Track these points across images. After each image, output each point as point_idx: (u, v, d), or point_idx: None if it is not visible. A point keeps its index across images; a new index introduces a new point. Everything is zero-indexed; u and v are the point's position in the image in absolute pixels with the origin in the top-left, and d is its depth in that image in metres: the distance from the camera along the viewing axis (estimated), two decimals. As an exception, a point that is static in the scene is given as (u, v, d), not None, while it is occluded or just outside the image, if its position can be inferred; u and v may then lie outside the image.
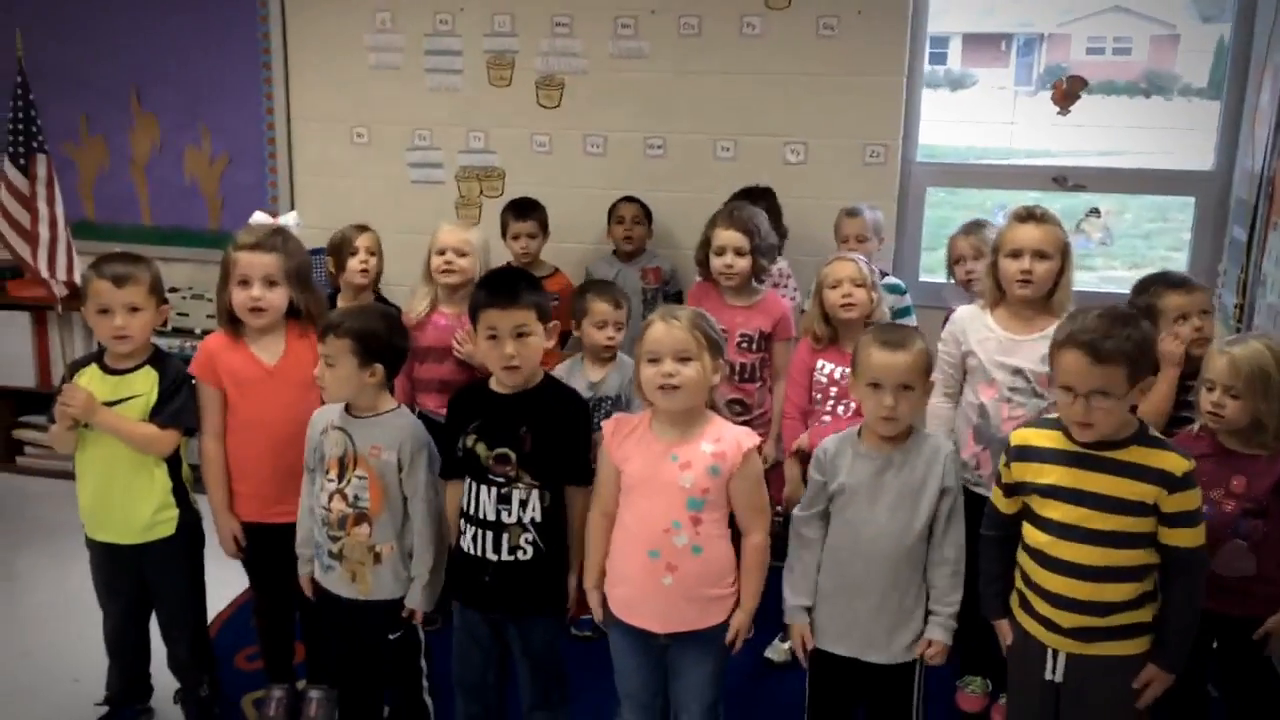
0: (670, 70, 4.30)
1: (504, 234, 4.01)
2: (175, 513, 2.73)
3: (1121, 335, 2.12)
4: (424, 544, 2.51)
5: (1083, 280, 3.76)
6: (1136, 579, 2.18)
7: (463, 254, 3.33)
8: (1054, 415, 2.33)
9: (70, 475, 4.35)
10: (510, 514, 2.41)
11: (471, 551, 2.46)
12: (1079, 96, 4.22)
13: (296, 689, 2.99)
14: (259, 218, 2.82)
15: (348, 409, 2.54)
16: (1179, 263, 4.19)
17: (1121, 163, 4.61)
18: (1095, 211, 4.24)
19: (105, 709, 2.92)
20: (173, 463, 2.73)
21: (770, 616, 2.54)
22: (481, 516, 2.43)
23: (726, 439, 2.31)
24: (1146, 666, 2.21)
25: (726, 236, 3.26)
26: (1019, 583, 2.33)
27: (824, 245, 3.92)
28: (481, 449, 2.42)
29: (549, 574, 2.45)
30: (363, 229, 3.57)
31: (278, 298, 2.69)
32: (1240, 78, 4.00)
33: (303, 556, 2.65)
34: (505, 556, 2.42)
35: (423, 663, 2.66)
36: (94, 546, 2.77)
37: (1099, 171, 4.26)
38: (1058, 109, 4.22)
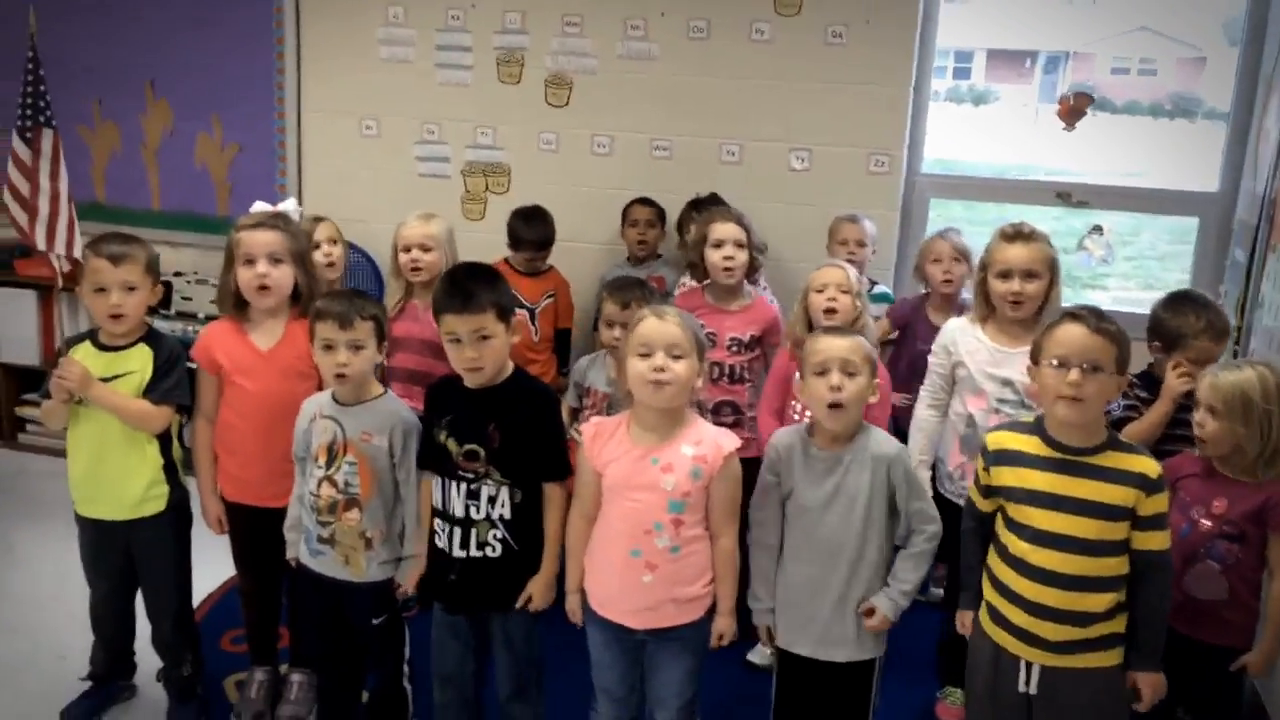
0: (678, 73, 4.31)
1: (515, 246, 4.04)
2: (165, 489, 2.76)
3: (1111, 322, 2.20)
4: (417, 524, 2.54)
5: (1094, 299, 3.78)
6: (1113, 589, 2.19)
7: (427, 249, 3.35)
8: (1028, 418, 2.35)
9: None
10: (479, 510, 2.41)
11: (443, 548, 2.46)
12: (1084, 113, 4.24)
13: (278, 672, 3.01)
14: (259, 206, 2.85)
15: (335, 397, 2.56)
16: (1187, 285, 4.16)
17: (1142, 183, 4.56)
18: (1098, 229, 4.24)
19: (88, 684, 2.94)
20: (164, 440, 2.76)
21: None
22: (451, 512, 2.43)
23: (707, 441, 2.32)
24: (1137, 675, 2.22)
25: (725, 230, 3.27)
26: (990, 594, 2.33)
27: (823, 253, 3.93)
28: (452, 444, 2.42)
29: (520, 570, 2.45)
30: (318, 219, 3.58)
31: (283, 275, 2.71)
32: (1248, 99, 3.99)
33: (290, 539, 2.68)
34: (473, 552, 2.42)
35: (405, 649, 2.68)
36: (83, 522, 2.80)
37: (1103, 189, 4.25)
38: (1063, 125, 4.23)
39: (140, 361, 2.68)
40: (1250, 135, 3.95)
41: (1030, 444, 2.26)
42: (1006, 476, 2.27)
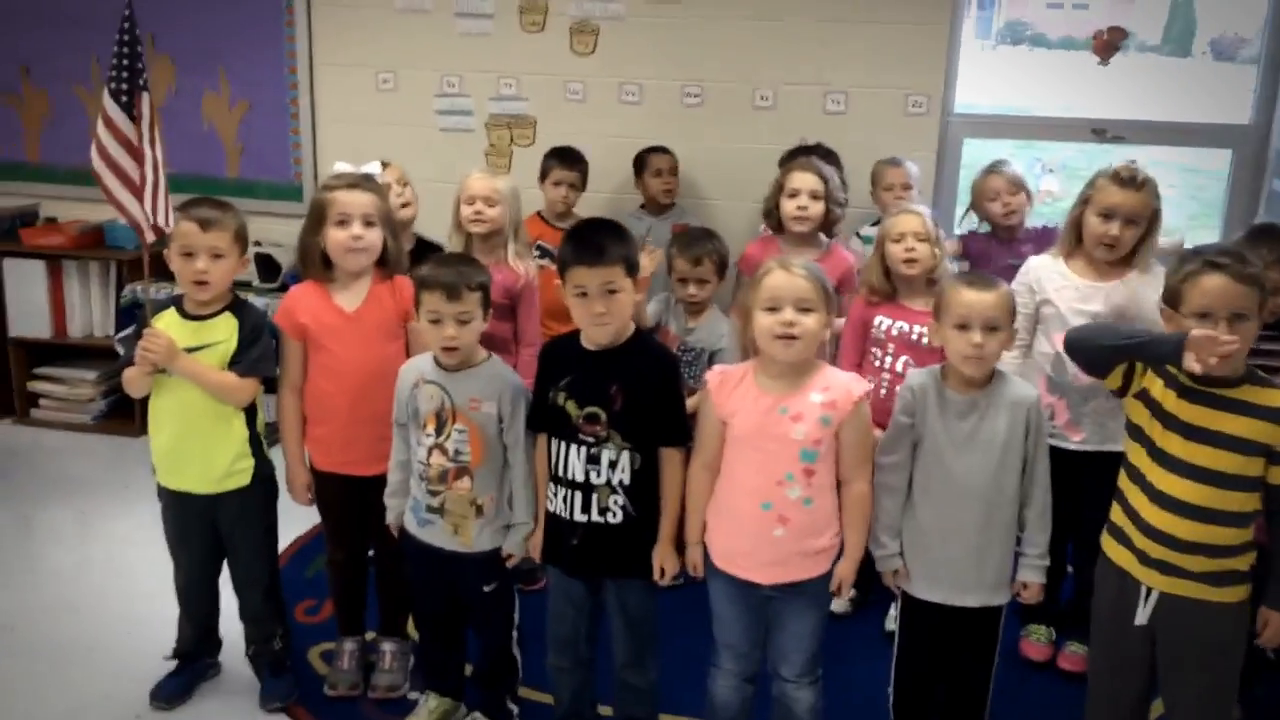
0: (708, 16, 4.23)
1: (543, 178, 3.96)
2: (251, 463, 2.68)
3: (1253, 263, 2.16)
4: (525, 491, 2.49)
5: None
6: (1241, 524, 2.19)
7: (492, 203, 3.24)
8: None
9: (86, 428, 4.31)
10: (599, 475, 2.35)
11: (561, 513, 2.41)
12: (1118, 47, 4.23)
13: (366, 641, 2.96)
14: (341, 166, 2.75)
15: (438, 362, 2.49)
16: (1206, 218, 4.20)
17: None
18: (1132, 163, 4.25)
19: (174, 663, 2.86)
20: (249, 412, 2.67)
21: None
22: (570, 477, 2.37)
23: (836, 387, 2.28)
24: (1270, 613, 2.23)
25: (802, 179, 3.23)
26: (1118, 516, 2.32)
27: (862, 198, 3.91)
28: (571, 407, 2.35)
29: (639, 537, 2.40)
30: (384, 165, 3.39)
31: (376, 238, 2.65)
32: (1278, 30, 4.01)
33: (392, 506, 2.61)
34: (595, 518, 2.37)
35: (515, 615, 2.64)
36: (167, 495, 2.71)
37: (1136, 124, 4.26)
38: (1098, 59, 4.23)
39: (226, 331, 2.59)
40: (1285, 67, 3.98)
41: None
42: (1150, 382, 2.24)
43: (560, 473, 2.39)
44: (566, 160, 3.92)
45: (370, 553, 2.89)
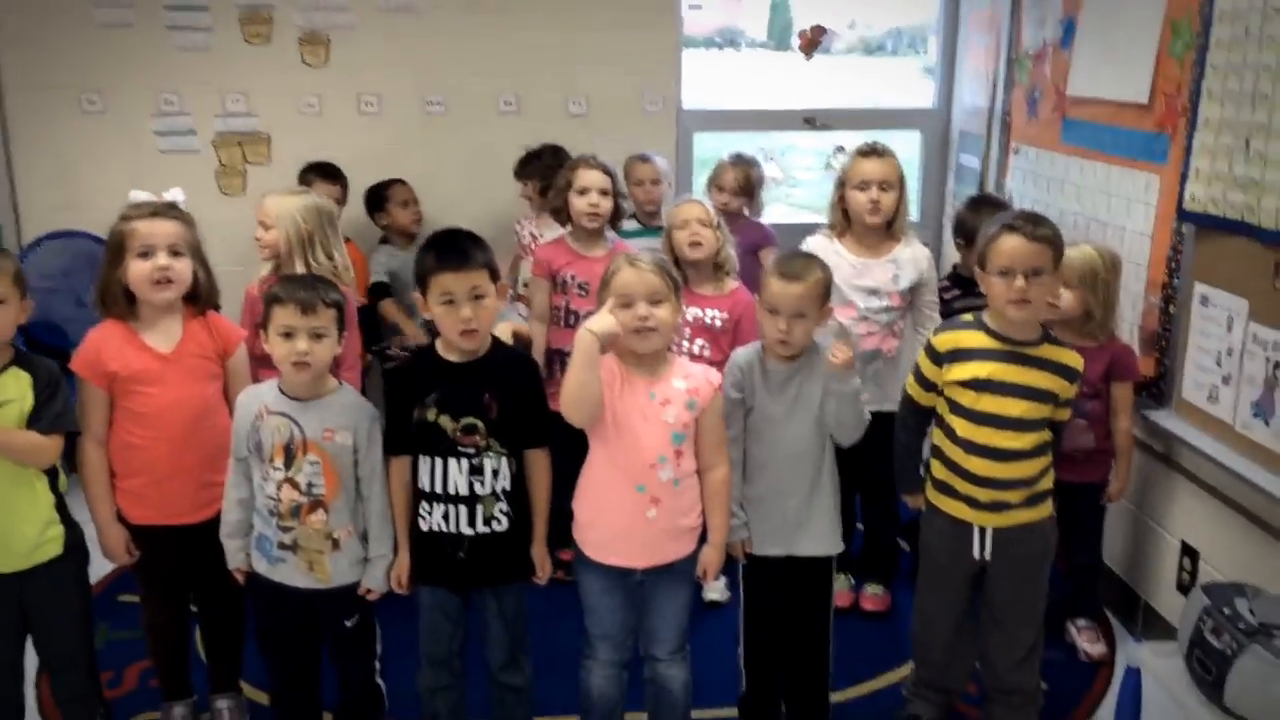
0: (445, 25, 4.23)
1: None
2: (61, 530, 2.41)
3: (1047, 225, 2.47)
4: (382, 522, 2.42)
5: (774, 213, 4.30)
6: (1043, 454, 2.54)
7: (266, 226, 3.10)
8: (968, 317, 2.63)
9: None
10: (484, 485, 2.35)
11: (442, 529, 2.38)
12: (820, 43, 4.64)
13: (195, 704, 2.75)
14: (138, 195, 2.52)
15: (284, 391, 2.37)
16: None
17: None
18: (841, 149, 4.69)
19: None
20: (50, 474, 2.41)
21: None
22: (453, 492, 2.35)
23: (696, 375, 2.41)
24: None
25: (591, 177, 3.29)
26: (941, 472, 2.61)
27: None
28: (445, 421, 2.33)
29: (521, 540, 2.43)
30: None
31: (185, 269, 2.46)
32: (952, 25, 4.57)
33: (231, 548, 2.46)
34: (481, 529, 2.37)
35: (377, 646, 2.56)
36: (-37, 580, 2.39)
37: (841, 112, 4.71)
38: (804, 55, 4.61)
39: (17, 388, 2.31)
40: (960, 56, 4.54)
41: (978, 339, 2.53)
42: (959, 371, 2.53)
43: (439, 489, 2.36)
44: (325, 174, 3.80)
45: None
